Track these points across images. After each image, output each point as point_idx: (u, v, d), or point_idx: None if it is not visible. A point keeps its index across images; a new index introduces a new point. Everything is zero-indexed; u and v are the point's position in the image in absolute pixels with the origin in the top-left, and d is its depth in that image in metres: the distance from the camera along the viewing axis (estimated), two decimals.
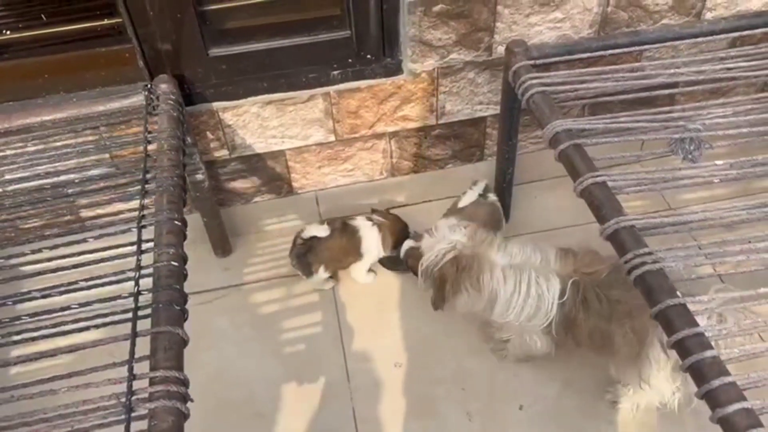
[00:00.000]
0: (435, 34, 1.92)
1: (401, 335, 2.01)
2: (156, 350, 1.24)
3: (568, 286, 1.62)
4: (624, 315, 1.58)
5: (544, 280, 1.64)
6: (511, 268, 1.67)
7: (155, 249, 1.41)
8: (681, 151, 1.61)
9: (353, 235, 2.07)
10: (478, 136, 2.25)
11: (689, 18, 2.04)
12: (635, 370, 1.61)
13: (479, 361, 1.93)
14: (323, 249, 2.04)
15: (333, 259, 2.07)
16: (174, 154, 1.62)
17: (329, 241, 2.04)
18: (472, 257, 1.67)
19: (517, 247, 1.71)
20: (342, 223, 2.08)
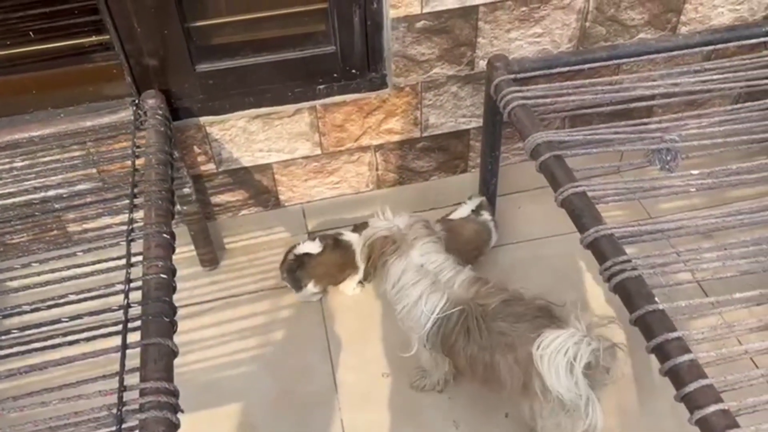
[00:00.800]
0: (418, 49, 1.96)
1: (388, 345, 2.03)
2: (146, 362, 1.26)
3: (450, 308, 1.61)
4: (506, 347, 1.54)
5: (431, 294, 1.64)
6: (418, 270, 1.68)
7: (144, 262, 1.43)
8: (658, 161, 1.66)
9: (347, 249, 2.09)
10: (462, 148, 2.29)
11: (665, 32, 2.10)
12: (526, 403, 1.59)
13: None
14: (315, 265, 2.06)
15: (326, 274, 2.09)
16: (162, 168, 1.64)
17: (322, 257, 2.06)
18: (396, 242, 1.72)
19: (438, 256, 1.71)
20: (333, 239, 2.10)
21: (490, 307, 1.59)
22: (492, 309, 1.59)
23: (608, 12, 2.01)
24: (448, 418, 1.86)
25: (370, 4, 1.85)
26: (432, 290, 1.65)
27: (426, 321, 1.64)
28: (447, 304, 1.63)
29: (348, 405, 1.90)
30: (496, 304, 1.59)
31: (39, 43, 1.78)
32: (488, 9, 1.91)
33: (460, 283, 1.67)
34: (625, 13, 2.03)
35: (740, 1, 2.08)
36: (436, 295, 1.64)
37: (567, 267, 2.20)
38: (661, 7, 2.04)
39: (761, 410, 1.15)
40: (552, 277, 2.19)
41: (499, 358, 1.55)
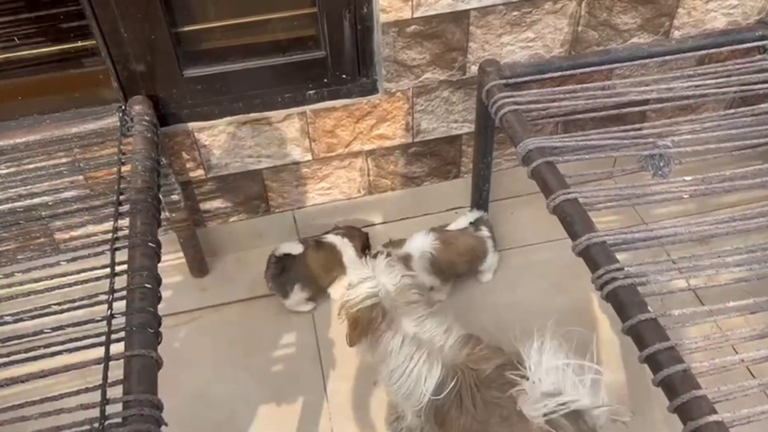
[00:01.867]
0: (409, 54, 1.94)
1: None
2: (129, 374, 1.23)
3: (448, 379, 1.50)
4: (501, 420, 1.44)
5: (428, 366, 1.52)
6: (413, 341, 1.56)
7: (129, 271, 1.40)
8: (651, 167, 1.65)
9: (331, 249, 2.08)
10: (454, 154, 2.27)
11: (658, 36, 2.08)
12: None
13: None
14: (299, 266, 2.04)
15: (312, 276, 2.07)
16: (148, 175, 1.61)
17: (305, 258, 2.05)
18: (386, 313, 1.56)
19: (432, 323, 1.58)
20: (315, 241, 2.09)
21: (484, 373, 1.49)
22: (486, 375, 1.48)
23: (601, 16, 2.00)
24: None
25: (360, 8, 1.83)
26: (429, 364, 1.52)
27: (423, 395, 1.52)
28: (441, 374, 1.51)
29: (338, 414, 1.87)
30: (491, 370, 1.48)
31: (25, 49, 1.76)
32: (480, 14, 1.90)
33: (451, 345, 1.56)
34: (618, 18, 2.02)
35: (734, 5, 2.07)
36: (432, 369, 1.51)
37: (560, 273, 2.18)
38: (654, 11, 2.03)
39: (756, 421, 1.13)
40: (545, 283, 2.17)
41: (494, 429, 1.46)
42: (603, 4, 1.97)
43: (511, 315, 2.06)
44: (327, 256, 2.07)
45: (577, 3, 1.95)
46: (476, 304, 2.13)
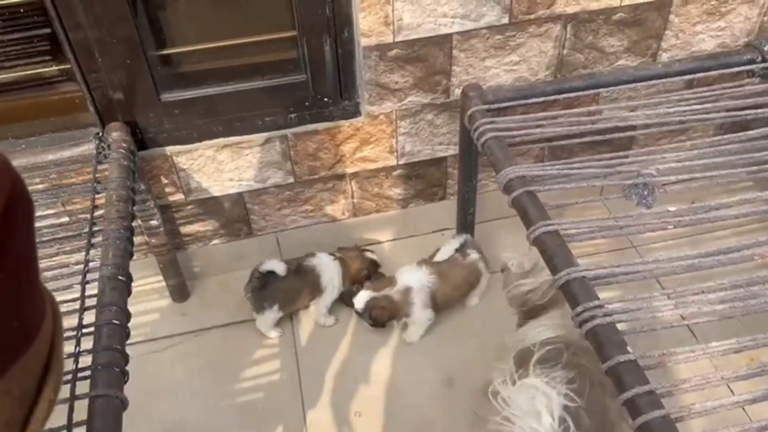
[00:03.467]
0: (392, 78, 1.91)
1: (362, 382, 1.97)
2: (93, 416, 1.20)
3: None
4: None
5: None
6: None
7: (97, 307, 1.37)
8: (635, 196, 1.61)
9: (310, 272, 2.05)
10: (439, 176, 2.24)
11: (645, 59, 2.06)
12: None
13: (442, 412, 1.89)
14: (279, 289, 2.01)
15: (289, 300, 2.05)
16: (122, 205, 1.58)
17: (285, 282, 2.02)
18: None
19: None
20: (297, 264, 2.06)
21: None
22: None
23: (586, 39, 1.97)
24: None
25: (341, 32, 1.80)
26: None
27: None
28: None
29: None
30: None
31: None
32: (462, 37, 1.87)
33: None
34: (604, 40, 1.99)
35: (722, 27, 2.04)
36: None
37: None
38: (641, 33, 2.00)
39: None
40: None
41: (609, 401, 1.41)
42: (588, 26, 1.94)
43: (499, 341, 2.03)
44: (304, 279, 2.05)
45: (562, 26, 1.92)
46: (463, 331, 2.09)
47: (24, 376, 0.49)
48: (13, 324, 0.46)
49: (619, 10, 1.92)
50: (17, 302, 0.47)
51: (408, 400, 1.91)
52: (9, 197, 0.44)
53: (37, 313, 0.50)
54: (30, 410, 0.50)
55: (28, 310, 0.49)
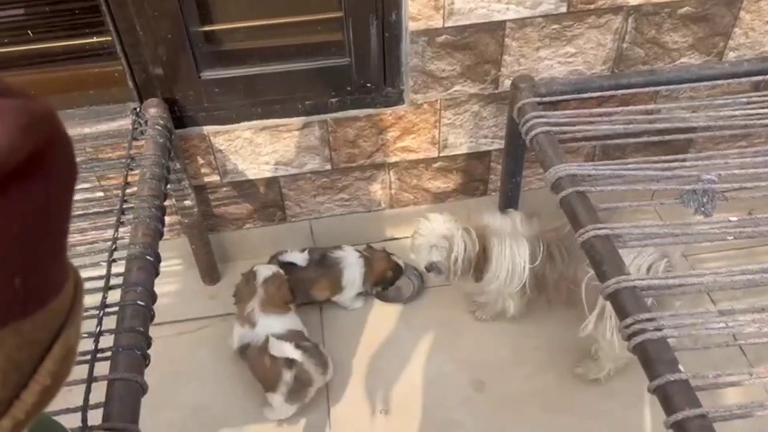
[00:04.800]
0: (439, 65, 1.83)
1: (389, 378, 1.90)
2: (111, 399, 1.16)
3: (536, 247, 1.76)
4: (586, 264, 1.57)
5: (516, 245, 1.76)
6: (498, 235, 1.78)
7: (123, 286, 1.33)
8: (693, 203, 1.50)
9: (333, 265, 1.99)
10: (482, 171, 2.15)
11: (710, 57, 1.93)
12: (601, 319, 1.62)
13: (468, 411, 1.81)
14: (297, 278, 1.97)
15: (304, 290, 2.00)
16: (155, 183, 1.54)
17: (304, 273, 1.97)
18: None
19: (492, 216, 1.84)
20: (322, 255, 2.01)
21: (563, 231, 1.73)
22: (565, 233, 1.70)
23: (648, 33, 1.85)
24: None
25: (389, 15, 1.73)
26: (514, 245, 1.77)
27: (522, 271, 1.77)
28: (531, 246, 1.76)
29: None
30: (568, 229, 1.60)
31: (38, 43, 1.70)
32: (516, 25, 1.77)
33: (521, 222, 1.81)
34: (667, 35, 1.87)
35: None
36: (521, 245, 1.77)
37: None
38: (708, 29, 1.87)
39: None
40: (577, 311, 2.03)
41: (580, 273, 1.61)
42: (652, 20, 1.83)
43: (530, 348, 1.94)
44: (326, 273, 1.99)
45: (624, 18, 1.81)
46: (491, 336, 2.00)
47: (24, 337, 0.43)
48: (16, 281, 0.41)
49: (686, 3, 1.80)
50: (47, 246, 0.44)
51: (435, 400, 1.84)
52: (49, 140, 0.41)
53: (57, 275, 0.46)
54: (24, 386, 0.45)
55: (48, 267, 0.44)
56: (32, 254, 0.43)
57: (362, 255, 2.04)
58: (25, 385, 0.44)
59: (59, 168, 0.44)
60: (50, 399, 0.48)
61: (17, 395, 0.44)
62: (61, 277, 0.46)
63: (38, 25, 1.68)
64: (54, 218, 0.44)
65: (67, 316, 0.47)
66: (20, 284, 0.42)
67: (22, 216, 0.41)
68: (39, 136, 0.41)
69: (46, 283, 0.45)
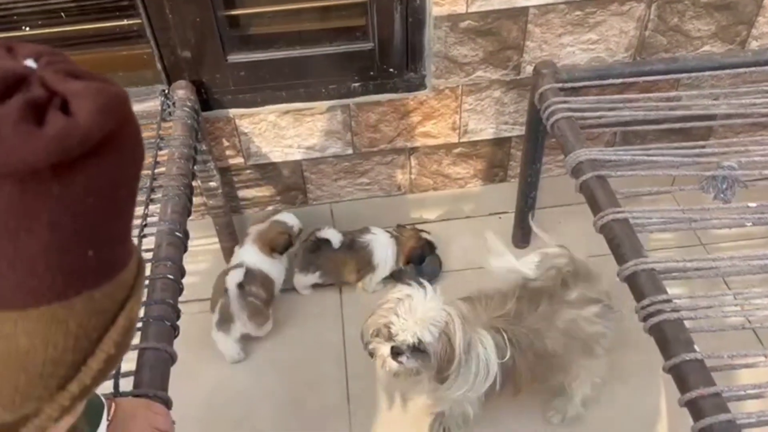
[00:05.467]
0: (461, 51, 1.85)
1: None
2: (141, 367, 1.21)
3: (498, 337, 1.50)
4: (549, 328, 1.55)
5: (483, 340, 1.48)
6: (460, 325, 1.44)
7: (152, 261, 1.38)
8: (712, 189, 1.51)
9: (363, 248, 2.05)
10: (501, 157, 2.17)
11: (733, 46, 1.93)
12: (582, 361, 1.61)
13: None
14: (328, 258, 2.04)
15: (334, 271, 2.07)
16: (183, 162, 1.58)
17: (335, 254, 2.03)
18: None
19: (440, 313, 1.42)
20: (351, 239, 2.06)
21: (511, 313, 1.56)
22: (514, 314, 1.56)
23: (671, 21, 1.86)
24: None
25: (413, 0, 1.75)
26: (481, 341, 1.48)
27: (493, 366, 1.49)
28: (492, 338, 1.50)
29: (359, 421, 1.82)
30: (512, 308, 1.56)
31: (70, 25, 1.74)
32: (539, 11, 1.79)
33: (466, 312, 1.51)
34: (690, 23, 1.87)
35: None
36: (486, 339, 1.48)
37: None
38: (731, 18, 1.87)
39: None
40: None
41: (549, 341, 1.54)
42: (675, 8, 1.83)
43: None
44: (355, 255, 2.04)
45: (647, 5, 1.81)
46: None
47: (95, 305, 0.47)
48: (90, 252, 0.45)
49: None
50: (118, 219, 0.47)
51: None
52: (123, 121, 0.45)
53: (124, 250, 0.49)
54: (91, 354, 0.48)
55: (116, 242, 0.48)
56: (104, 228, 0.46)
57: (393, 235, 2.09)
58: (92, 353, 0.48)
59: (130, 148, 0.47)
60: (113, 367, 0.51)
61: (84, 361, 0.48)
62: (127, 252, 0.50)
63: (71, 8, 1.72)
64: (123, 195, 0.48)
65: (131, 290, 0.51)
66: (93, 256, 0.45)
67: (98, 191, 0.44)
68: (115, 116, 0.44)
69: (115, 256, 0.48)
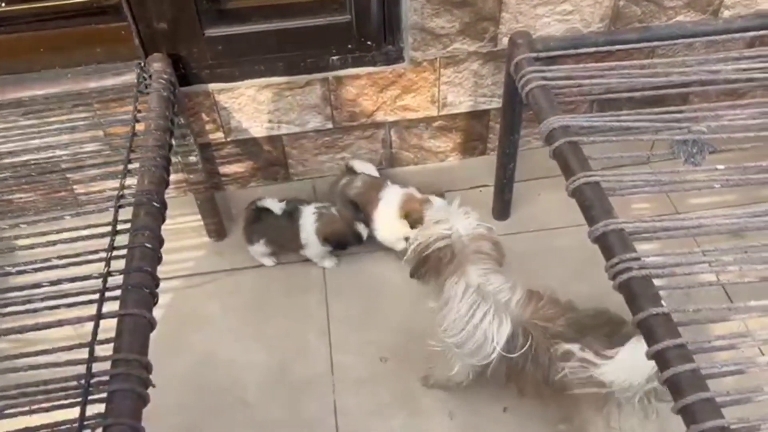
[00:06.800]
0: (438, 22, 1.87)
1: (390, 329, 1.97)
2: (121, 333, 1.22)
3: (518, 335, 1.50)
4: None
5: (497, 322, 1.50)
6: (477, 292, 1.52)
7: (130, 230, 1.39)
8: (683, 153, 1.54)
9: (296, 221, 2.03)
10: (481, 129, 2.19)
11: (705, 15, 1.95)
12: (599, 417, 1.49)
13: None
14: (269, 226, 2.05)
15: (275, 240, 2.08)
16: (160, 134, 1.59)
17: (276, 221, 2.04)
18: (454, 256, 1.54)
19: (498, 279, 1.54)
20: (294, 207, 2.05)
21: (554, 330, 1.50)
22: (556, 332, 1.50)
23: None
24: (444, 408, 1.79)
25: None
26: (498, 319, 1.50)
27: (492, 350, 1.51)
28: (510, 330, 1.50)
29: (343, 388, 1.85)
30: (561, 327, 1.50)
31: (47, 1, 1.74)
32: None
33: (517, 302, 1.54)
34: None
35: None
36: (502, 325, 1.50)
37: (583, 260, 2.07)
38: None
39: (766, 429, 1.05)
40: (567, 269, 2.08)
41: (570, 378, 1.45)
42: None
43: None
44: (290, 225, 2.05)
45: None
46: None
47: None
48: None
49: None
50: None
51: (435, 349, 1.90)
52: None
53: None
54: None
55: None
56: None
57: (317, 211, 2.04)
58: None
59: None
60: None
61: None
62: None
63: None
64: None
65: None
66: None
67: None
68: None
69: None
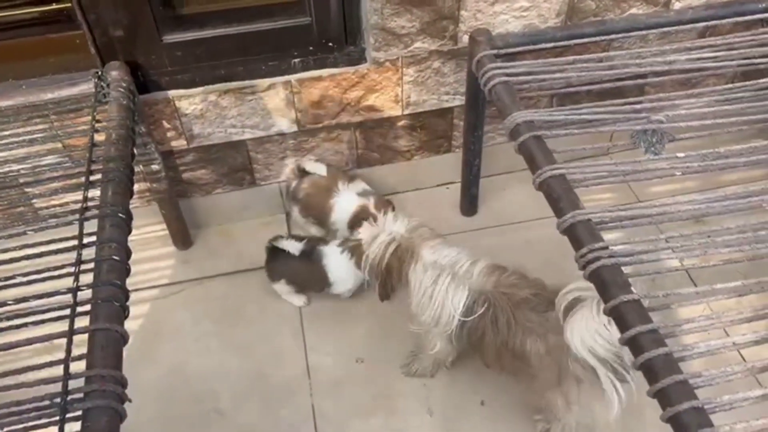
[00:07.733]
0: (398, 22, 1.87)
1: (364, 330, 1.97)
2: (93, 348, 1.20)
3: (477, 302, 1.56)
4: (537, 337, 1.52)
5: (453, 289, 1.57)
6: (434, 266, 1.60)
7: (96, 243, 1.36)
8: (643, 143, 1.58)
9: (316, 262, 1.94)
10: (445, 127, 2.21)
11: (657, 8, 2.00)
12: (558, 393, 1.54)
13: None
14: (288, 267, 1.96)
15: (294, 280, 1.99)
16: (121, 144, 1.56)
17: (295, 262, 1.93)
18: (407, 250, 1.63)
19: (450, 250, 1.64)
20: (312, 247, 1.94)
21: (517, 296, 1.55)
22: (521, 298, 1.55)
23: None
24: (423, 406, 1.80)
25: None
26: (454, 285, 1.58)
27: (451, 319, 1.58)
28: (469, 298, 1.57)
29: (320, 391, 1.84)
30: (526, 294, 1.55)
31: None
32: None
33: (479, 272, 1.60)
34: None
35: None
36: (460, 290, 1.57)
37: (554, 251, 2.10)
38: None
39: (738, 408, 1.09)
40: (538, 261, 2.09)
41: (531, 348, 1.52)
42: None
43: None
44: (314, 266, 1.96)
45: None
46: None
47: None
48: None
49: None
50: None
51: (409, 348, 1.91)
52: None
53: None
54: None
55: None
56: None
57: (345, 248, 1.91)
58: None
59: None
60: None
61: None
62: None
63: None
64: None
65: None
66: None
67: None
68: None
69: None
